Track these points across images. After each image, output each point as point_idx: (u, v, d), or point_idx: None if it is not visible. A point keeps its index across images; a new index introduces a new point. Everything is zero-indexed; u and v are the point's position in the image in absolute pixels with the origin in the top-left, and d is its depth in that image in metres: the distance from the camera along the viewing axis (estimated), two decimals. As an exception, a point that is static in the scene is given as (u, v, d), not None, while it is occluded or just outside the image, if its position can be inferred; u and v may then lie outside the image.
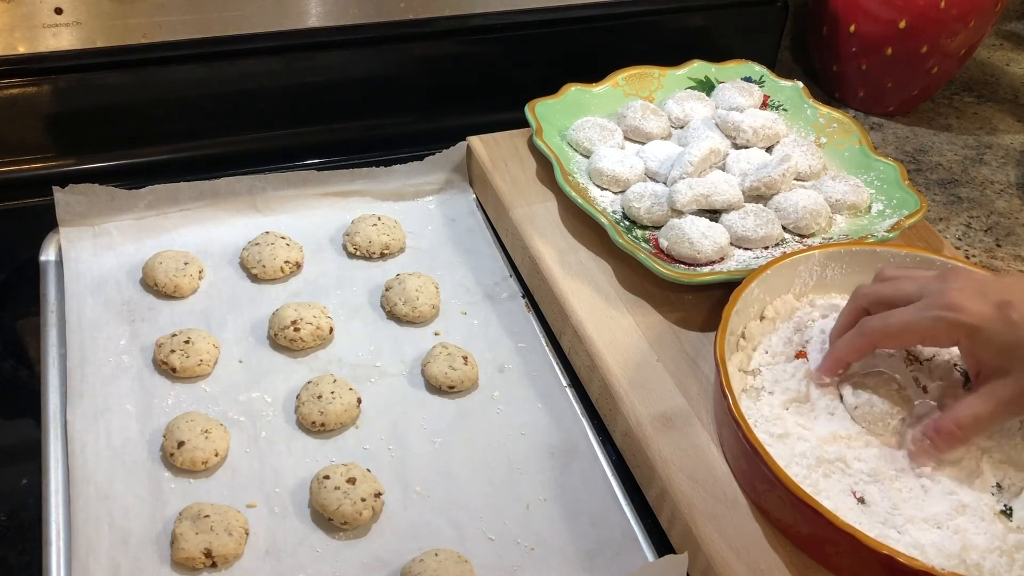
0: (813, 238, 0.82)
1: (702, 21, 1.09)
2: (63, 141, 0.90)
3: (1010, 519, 0.61)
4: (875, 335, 0.65)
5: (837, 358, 0.67)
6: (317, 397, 0.70)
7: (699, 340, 0.73)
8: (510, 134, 0.92)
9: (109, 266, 0.79)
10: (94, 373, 0.71)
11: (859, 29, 1.07)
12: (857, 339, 0.66)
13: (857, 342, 0.66)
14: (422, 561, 0.61)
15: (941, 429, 0.62)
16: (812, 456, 0.64)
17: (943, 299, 0.61)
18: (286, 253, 0.81)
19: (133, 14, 0.85)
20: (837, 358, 0.67)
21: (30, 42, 0.84)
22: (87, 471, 0.64)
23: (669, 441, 0.66)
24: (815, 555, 0.59)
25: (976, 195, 1.03)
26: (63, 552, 0.60)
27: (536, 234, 0.81)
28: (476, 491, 0.67)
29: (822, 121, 0.94)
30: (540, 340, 0.79)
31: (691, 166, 0.82)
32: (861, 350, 0.66)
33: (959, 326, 0.61)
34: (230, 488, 0.65)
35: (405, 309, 0.78)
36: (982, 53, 1.31)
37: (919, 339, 0.64)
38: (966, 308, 0.60)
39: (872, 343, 0.65)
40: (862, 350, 0.66)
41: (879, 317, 0.65)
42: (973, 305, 0.61)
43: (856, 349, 0.66)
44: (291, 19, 0.91)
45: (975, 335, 0.60)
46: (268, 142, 0.97)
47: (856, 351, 0.66)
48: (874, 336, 0.65)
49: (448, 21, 0.96)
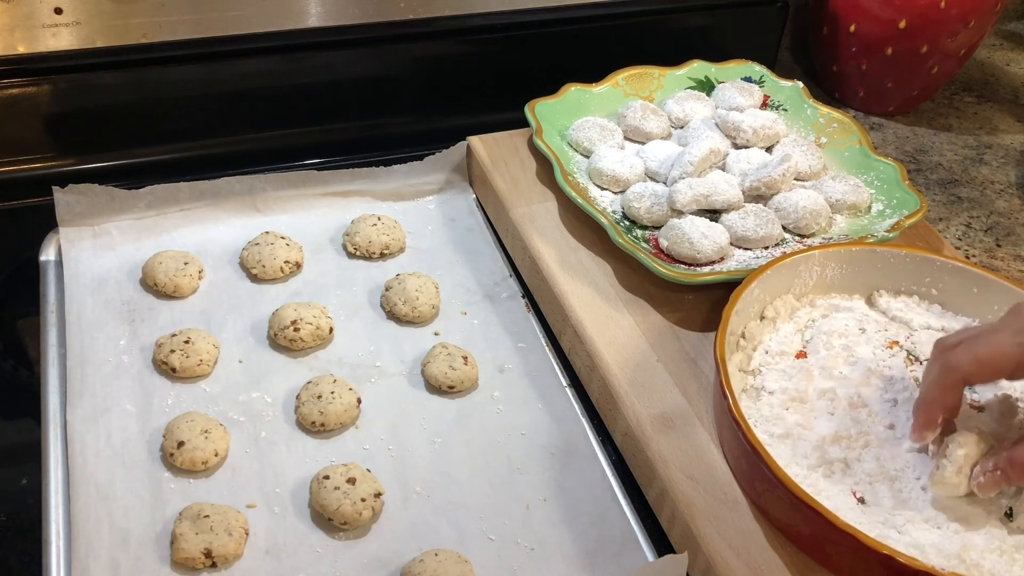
0: (813, 238, 0.82)
1: (702, 21, 1.09)
2: (63, 141, 0.90)
3: (1011, 519, 0.61)
4: (965, 368, 0.60)
5: (932, 406, 0.62)
6: (317, 397, 0.70)
7: (699, 340, 0.73)
8: (510, 134, 0.92)
9: (109, 266, 0.79)
10: (94, 373, 0.71)
11: (859, 29, 1.07)
12: (945, 376, 0.61)
13: (946, 380, 0.61)
14: (422, 561, 0.61)
15: (1015, 460, 0.59)
16: (812, 456, 0.64)
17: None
18: (286, 253, 0.81)
19: (133, 14, 0.85)
20: (932, 406, 0.62)
21: (30, 42, 0.84)
22: (87, 471, 0.64)
23: (669, 441, 0.66)
24: (815, 555, 0.59)
25: (976, 195, 1.03)
26: (63, 552, 0.60)
27: (536, 234, 0.81)
28: (476, 491, 0.67)
29: (822, 121, 0.94)
30: (540, 340, 0.78)
31: (691, 166, 0.82)
32: (952, 388, 0.61)
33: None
34: (230, 488, 0.65)
35: (405, 309, 0.78)
36: (982, 53, 1.31)
37: (1011, 368, 0.60)
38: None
39: (965, 377, 0.61)
40: (955, 388, 0.61)
41: (963, 349, 0.61)
42: None
43: (948, 389, 0.61)
44: (291, 19, 0.91)
45: None
46: (268, 142, 0.97)
47: (950, 392, 0.61)
48: (965, 369, 0.60)
49: (448, 21, 0.96)
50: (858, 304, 0.75)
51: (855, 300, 0.76)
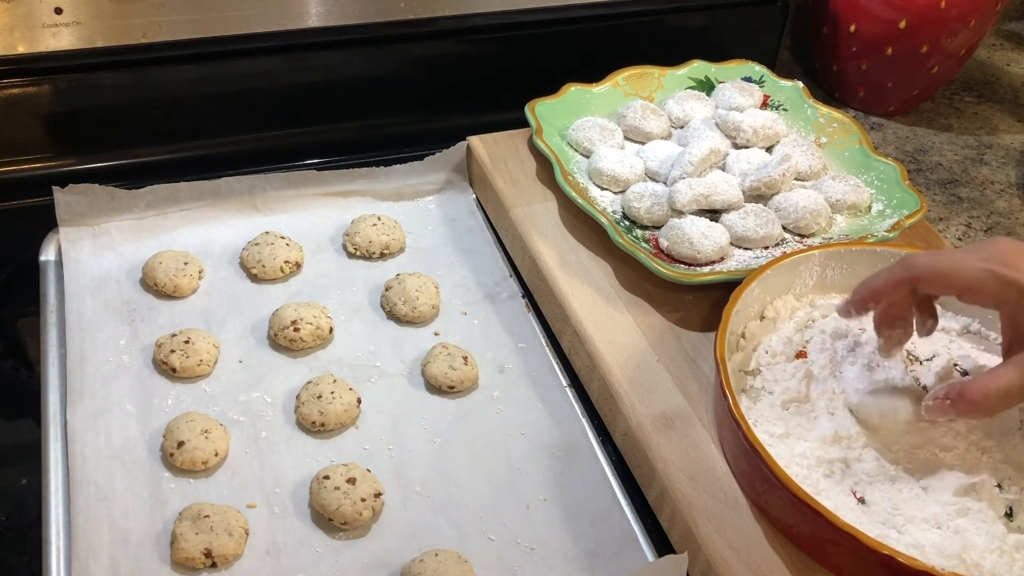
0: (813, 238, 0.82)
1: (702, 21, 1.09)
2: (63, 141, 0.90)
3: (1011, 519, 0.61)
4: (919, 269, 0.60)
5: (872, 289, 0.62)
6: (317, 397, 0.70)
7: (699, 340, 0.73)
8: (510, 134, 0.92)
9: (109, 266, 0.79)
10: (94, 373, 0.71)
11: (859, 29, 1.07)
12: (899, 271, 0.61)
13: (898, 274, 0.61)
14: (422, 561, 0.61)
15: (965, 393, 0.58)
16: (812, 456, 0.64)
17: (1000, 256, 0.58)
18: (286, 253, 0.81)
19: (133, 14, 0.85)
20: (872, 289, 0.62)
21: (30, 42, 0.84)
22: (87, 471, 0.64)
23: (669, 441, 0.66)
24: (815, 555, 0.59)
25: (976, 195, 1.03)
26: (63, 552, 0.60)
27: (536, 234, 0.81)
28: (476, 491, 0.67)
29: (822, 121, 0.94)
30: (540, 340, 0.78)
31: (691, 166, 0.82)
32: (900, 284, 0.62)
33: (1012, 284, 0.58)
34: (230, 488, 0.65)
35: (405, 309, 0.78)
36: (982, 53, 1.31)
37: (963, 288, 0.60)
38: (1021, 268, 0.58)
39: (914, 278, 0.61)
40: (901, 285, 0.62)
41: (927, 254, 0.61)
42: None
43: (895, 282, 0.62)
44: (291, 19, 0.91)
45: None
46: (268, 142, 0.97)
47: (895, 284, 0.62)
48: (918, 271, 0.60)
49: (448, 21, 0.96)
50: (858, 304, 0.75)
51: (855, 300, 0.76)
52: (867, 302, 0.63)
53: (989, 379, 0.58)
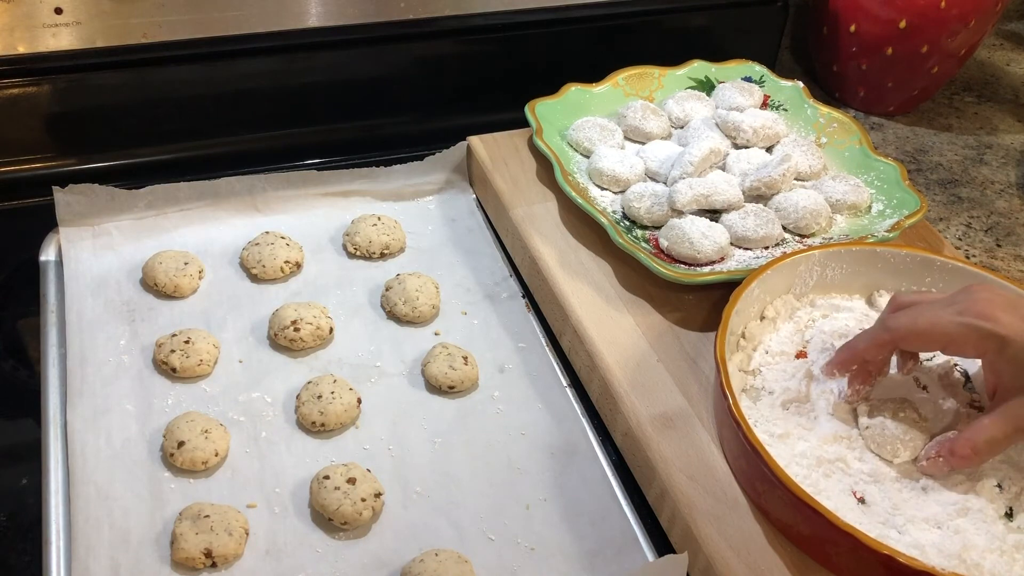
0: (813, 238, 0.82)
1: (702, 21, 1.09)
2: (63, 141, 0.90)
3: (1011, 519, 0.61)
4: (900, 331, 0.62)
5: (855, 351, 0.64)
6: (317, 397, 0.70)
7: (699, 340, 0.73)
8: (510, 134, 0.92)
9: (109, 266, 0.79)
10: (94, 373, 0.71)
11: (859, 29, 1.07)
12: (880, 334, 0.63)
13: (880, 337, 0.63)
14: (422, 561, 0.61)
15: (956, 451, 0.61)
16: (812, 456, 0.64)
17: (976, 307, 0.60)
18: (286, 253, 0.81)
19: (133, 14, 0.85)
20: (855, 351, 0.64)
21: (30, 42, 0.84)
22: (87, 471, 0.64)
23: (669, 441, 0.66)
24: (815, 555, 0.59)
25: (976, 195, 1.03)
26: (63, 552, 0.60)
27: (536, 234, 0.81)
28: (476, 491, 0.67)
29: (822, 121, 0.94)
30: (540, 340, 0.78)
31: (691, 166, 0.82)
32: (882, 347, 0.64)
33: (991, 337, 0.59)
34: (230, 488, 0.65)
35: (405, 309, 0.78)
36: (982, 53, 1.31)
37: (944, 343, 0.61)
38: (999, 319, 0.59)
39: (895, 340, 0.63)
40: (883, 347, 0.64)
41: (906, 313, 0.62)
42: (1005, 317, 0.59)
43: (877, 345, 0.63)
44: (291, 19, 0.91)
45: (1004, 348, 0.59)
46: (268, 142, 0.97)
47: (877, 347, 0.64)
48: (899, 333, 0.62)
49: (448, 21, 0.96)
50: (858, 304, 0.75)
51: (855, 300, 0.76)
52: (850, 364, 0.65)
53: (976, 432, 0.61)
